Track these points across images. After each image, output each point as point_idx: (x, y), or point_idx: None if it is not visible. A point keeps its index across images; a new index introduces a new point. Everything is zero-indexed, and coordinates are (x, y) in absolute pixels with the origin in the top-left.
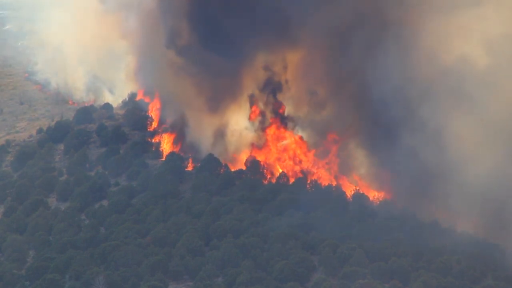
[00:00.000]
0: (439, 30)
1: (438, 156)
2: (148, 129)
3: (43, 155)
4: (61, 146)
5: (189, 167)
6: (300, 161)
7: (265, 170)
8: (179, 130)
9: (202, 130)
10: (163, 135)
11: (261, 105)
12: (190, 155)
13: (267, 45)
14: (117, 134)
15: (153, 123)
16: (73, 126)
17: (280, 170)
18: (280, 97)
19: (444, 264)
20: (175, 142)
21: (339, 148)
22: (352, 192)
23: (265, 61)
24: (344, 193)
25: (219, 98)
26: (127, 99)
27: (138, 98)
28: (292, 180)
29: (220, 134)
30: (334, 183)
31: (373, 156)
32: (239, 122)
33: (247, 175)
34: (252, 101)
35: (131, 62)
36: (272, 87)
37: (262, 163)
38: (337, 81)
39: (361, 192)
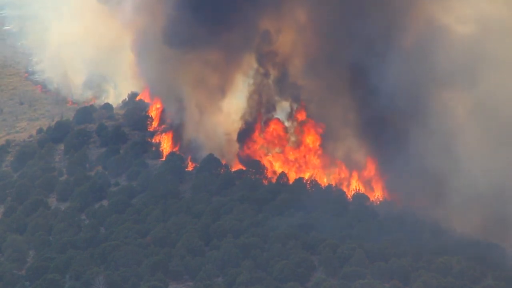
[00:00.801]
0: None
1: (439, 156)
2: (148, 129)
3: (43, 155)
4: (61, 146)
5: (189, 167)
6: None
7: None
8: (179, 126)
9: (203, 122)
10: (163, 135)
11: (253, 63)
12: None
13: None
14: (117, 134)
15: (153, 123)
16: (73, 126)
17: (280, 170)
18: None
19: (444, 264)
20: (174, 140)
21: (338, 147)
22: (352, 192)
23: (266, 34)
24: (344, 193)
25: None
26: (127, 99)
27: (139, 95)
28: (291, 180)
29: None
30: (332, 182)
31: (373, 156)
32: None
33: (247, 175)
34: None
35: (131, 57)
36: (271, 56)
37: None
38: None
39: (361, 192)
